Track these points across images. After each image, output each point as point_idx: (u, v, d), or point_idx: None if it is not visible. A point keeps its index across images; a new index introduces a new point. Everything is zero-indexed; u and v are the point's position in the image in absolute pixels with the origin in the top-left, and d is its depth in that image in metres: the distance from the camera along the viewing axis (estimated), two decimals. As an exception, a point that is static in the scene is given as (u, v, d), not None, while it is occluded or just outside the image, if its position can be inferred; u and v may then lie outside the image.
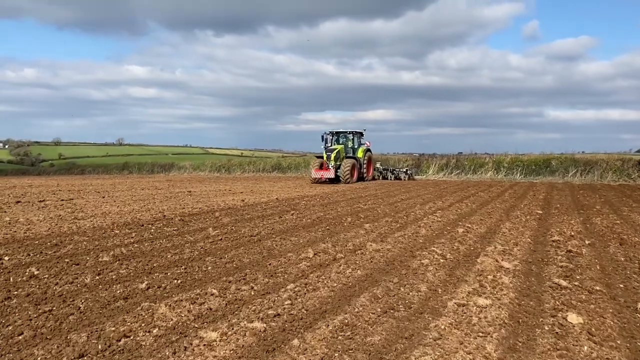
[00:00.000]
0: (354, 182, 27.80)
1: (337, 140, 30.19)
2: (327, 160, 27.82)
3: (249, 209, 14.43)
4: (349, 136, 30.23)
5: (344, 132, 30.20)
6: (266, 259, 7.57)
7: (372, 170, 31.19)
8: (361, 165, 29.38)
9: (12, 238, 8.98)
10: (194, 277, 6.51)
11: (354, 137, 30.19)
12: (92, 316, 4.92)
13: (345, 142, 30.01)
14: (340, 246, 8.62)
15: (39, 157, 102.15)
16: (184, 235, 9.71)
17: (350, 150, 29.72)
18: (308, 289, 5.88)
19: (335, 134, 30.32)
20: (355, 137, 30.22)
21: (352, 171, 27.77)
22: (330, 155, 27.78)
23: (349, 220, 11.88)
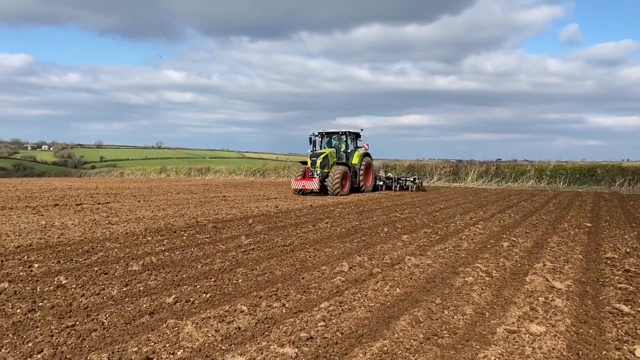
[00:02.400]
0: (346, 194, 22.77)
1: (329, 142, 25.16)
2: (312, 167, 22.89)
3: (283, 216, 14.15)
4: (342, 138, 25.04)
5: (336, 133, 25.13)
6: (299, 272, 7.22)
7: (371, 179, 26.00)
8: (356, 172, 24.31)
9: (45, 243, 8.92)
10: (223, 290, 6.21)
11: (348, 139, 24.99)
12: (115, 333, 4.66)
13: (338, 145, 24.87)
14: (376, 259, 8.20)
15: (81, 160, 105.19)
16: (216, 243, 9.47)
17: (344, 155, 24.53)
18: (343, 309, 5.48)
19: (326, 135, 25.28)
20: (350, 138, 25.10)
21: (343, 180, 22.70)
22: (315, 160, 22.77)
23: (385, 230, 11.44)
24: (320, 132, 25.00)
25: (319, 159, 22.73)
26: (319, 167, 22.72)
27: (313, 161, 22.94)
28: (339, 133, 24.90)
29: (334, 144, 24.91)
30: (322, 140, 25.15)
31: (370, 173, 25.85)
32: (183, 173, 54.91)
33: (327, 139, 25.24)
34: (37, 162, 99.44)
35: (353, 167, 24.17)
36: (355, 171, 24.27)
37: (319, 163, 22.71)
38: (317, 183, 22.04)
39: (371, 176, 25.95)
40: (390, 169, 39.28)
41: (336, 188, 22.13)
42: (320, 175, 22.54)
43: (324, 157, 22.86)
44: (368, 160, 25.50)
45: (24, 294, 5.81)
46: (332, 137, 25.12)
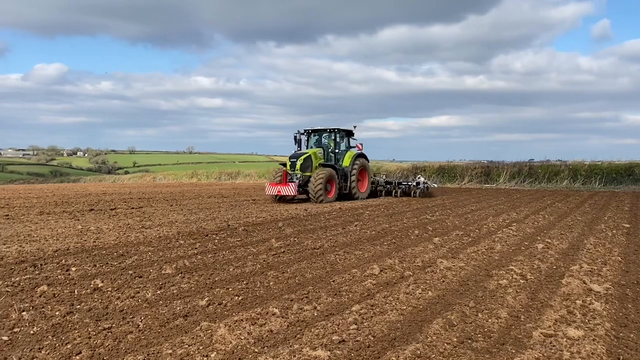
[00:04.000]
0: (331, 201, 19.86)
1: (319, 141, 22.07)
2: (290, 170, 20.21)
3: (312, 218, 14.16)
4: (331, 136, 21.83)
5: (324, 131, 21.96)
6: (329, 275, 7.21)
7: (367, 184, 22.61)
8: (346, 176, 21.00)
9: (81, 247, 9.14)
10: (255, 293, 6.25)
11: (338, 137, 21.74)
12: (150, 336, 4.74)
13: (327, 145, 21.85)
14: (408, 262, 8.13)
15: (115, 165, 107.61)
16: (247, 246, 9.54)
17: (332, 156, 21.44)
18: (375, 312, 5.45)
19: (313, 133, 22.22)
20: (339, 136, 21.84)
21: (328, 185, 19.91)
22: (295, 162, 19.94)
23: (416, 233, 11.33)
24: (307, 129, 22.16)
25: (299, 160, 19.93)
26: (299, 170, 19.92)
27: (292, 163, 20.18)
28: (327, 130, 21.85)
29: (323, 144, 21.95)
30: (309, 139, 22.26)
31: (365, 177, 22.55)
32: (213, 177, 55.55)
33: (315, 138, 22.24)
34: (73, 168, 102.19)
35: (342, 170, 21.01)
36: (346, 174, 21.02)
37: (299, 165, 19.88)
38: (293, 188, 19.20)
39: (367, 181, 22.60)
40: (420, 171, 38.95)
41: (318, 194, 19.32)
42: (301, 179, 19.92)
43: (305, 159, 19.98)
44: (362, 162, 21.90)
45: (62, 296, 5.96)
46: (322, 136, 22.08)
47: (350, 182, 21.09)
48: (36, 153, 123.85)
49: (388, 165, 49.94)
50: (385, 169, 42.88)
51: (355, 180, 21.25)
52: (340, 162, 21.37)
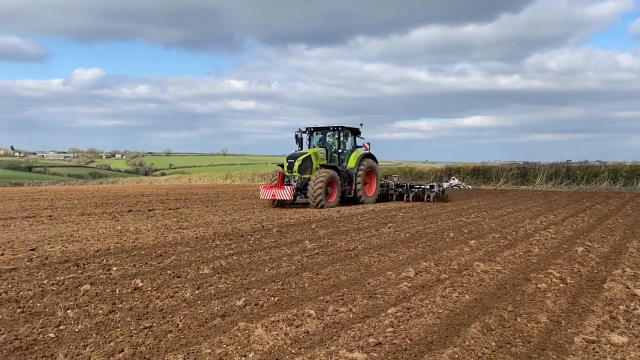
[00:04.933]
0: (332, 206, 18.15)
1: (322, 140, 20.44)
2: (288, 172, 18.59)
3: (345, 220, 14.17)
4: (335, 134, 20.12)
5: (326, 129, 20.31)
6: (364, 277, 7.21)
7: (375, 187, 20.78)
8: (351, 178, 19.35)
9: (121, 247, 9.38)
10: (290, 294, 6.30)
11: (342, 136, 19.98)
12: (189, 335, 4.84)
13: (330, 144, 20.21)
14: (443, 265, 8.05)
15: (152, 167, 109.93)
16: (281, 247, 9.62)
17: (335, 157, 19.76)
18: (411, 315, 5.43)
19: (315, 132, 20.54)
20: (344, 134, 20.06)
21: (329, 188, 18.21)
22: (293, 163, 18.38)
23: (451, 235, 11.20)
24: (309, 127, 20.46)
25: (297, 161, 18.30)
26: (297, 172, 18.30)
27: (290, 164, 18.54)
28: (330, 128, 20.18)
29: (327, 143, 20.33)
30: (312, 138, 20.61)
31: (373, 179, 20.75)
32: (247, 178, 56.14)
33: (318, 137, 20.60)
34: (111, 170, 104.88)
35: (346, 172, 19.38)
36: (351, 177, 19.38)
37: (297, 166, 18.25)
38: (289, 192, 17.55)
39: (375, 184, 20.78)
40: (454, 172, 38.48)
41: (318, 198, 17.62)
42: (299, 182, 18.36)
43: (304, 159, 18.35)
44: (369, 163, 20.15)
45: (104, 295, 6.14)
46: (327, 135, 20.41)
47: (356, 185, 19.38)
48: (76, 155, 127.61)
49: (421, 166, 49.52)
50: (418, 170, 42.55)
51: (362, 183, 19.55)
52: (345, 163, 19.75)
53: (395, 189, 21.95)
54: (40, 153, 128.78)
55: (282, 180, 18.36)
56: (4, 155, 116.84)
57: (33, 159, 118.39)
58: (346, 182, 19.27)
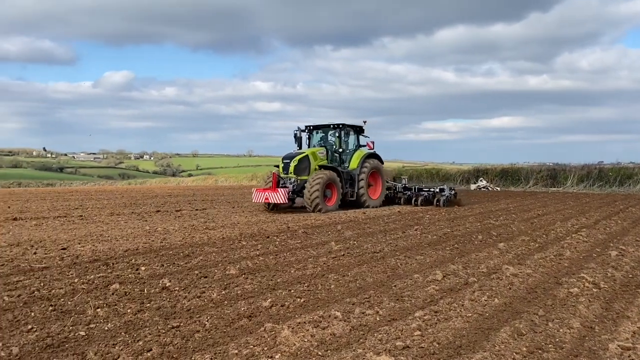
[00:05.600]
0: (332, 210, 16.84)
1: (323, 139, 19.11)
2: (283, 173, 17.38)
3: (371, 222, 14.08)
4: (336, 133, 18.76)
5: (326, 127, 18.89)
6: (391, 280, 7.14)
7: (380, 190, 19.33)
8: (353, 180, 18.04)
9: (149, 247, 9.50)
10: (317, 296, 6.28)
11: (343, 135, 18.64)
12: (216, 335, 4.85)
13: (332, 143, 18.84)
14: (471, 268, 7.92)
15: (179, 168, 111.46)
16: (307, 248, 9.62)
17: (336, 157, 18.41)
18: (439, 318, 5.34)
19: (315, 130, 19.17)
20: (345, 133, 18.70)
21: (328, 191, 16.84)
22: (289, 164, 17.13)
23: (479, 238, 11.02)
24: (308, 125, 19.05)
25: (293, 161, 17.01)
26: (293, 173, 17.06)
27: (285, 164, 17.28)
28: (331, 126, 18.73)
29: (328, 142, 19.00)
30: (312, 137, 19.23)
31: (379, 181, 19.33)
32: (272, 180, 56.38)
33: (319, 135, 19.23)
34: (140, 171, 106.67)
35: (348, 173, 18.07)
36: (353, 178, 18.07)
37: (293, 167, 16.98)
38: (283, 195, 16.14)
39: (380, 186, 19.37)
40: (482, 174, 37.95)
41: (315, 202, 16.23)
42: (295, 184, 17.04)
43: (300, 160, 17.06)
44: (374, 163, 18.81)
45: (133, 295, 6.22)
46: (328, 133, 19.07)
47: (358, 188, 18.05)
48: (106, 156, 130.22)
49: (448, 167, 49.03)
50: (446, 171, 42.11)
51: (365, 185, 18.20)
52: (347, 163, 18.46)
53: (404, 192, 20.43)
54: (72, 154, 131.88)
55: (277, 183, 16.90)
56: (36, 157, 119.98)
57: (64, 160, 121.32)
58: (348, 184, 17.93)
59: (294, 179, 17.07)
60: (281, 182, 17.08)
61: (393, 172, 30.25)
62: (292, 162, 17.02)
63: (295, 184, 17.03)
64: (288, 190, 16.61)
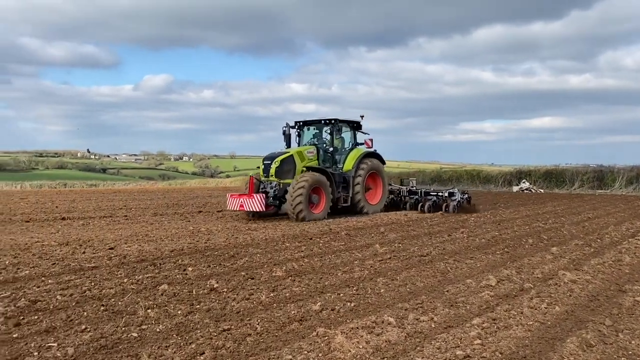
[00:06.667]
0: (319, 218, 14.53)
1: (316, 137, 16.78)
2: (264, 176, 15.17)
3: (414, 224, 13.81)
4: (327, 129, 16.49)
5: (317, 122, 16.61)
6: (442, 285, 6.90)
7: (381, 194, 17.25)
8: (347, 183, 15.80)
9: (194, 248, 9.52)
10: (367, 300, 6.11)
11: (336, 131, 16.31)
12: (268, 339, 4.75)
13: (325, 141, 16.54)
14: (526, 273, 7.60)
15: (217, 169, 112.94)
16: (351, 251, 9.45)
17: (329, 157, 16.11)
18: (498, 326, 5.09)
19: (307, 126, 16.90)
20: (337, 129, 16.34)
21: (316, 196, 14.63)
22: (270, 165, 14.97)
23: (530, 242, 10.62)
24: (298, 121, 16.84)
25: (274, 162, 14.83)
26: (275, 176, 14.83)
27: (266, 166, 15.12)
28: (322, 122, 16.38)
29: (322, 140, 16.66)
30: (302, 135, 16.95)
31: (379, 184, 17.25)
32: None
33: (310, 133, 16.93)
34: (179, 172, 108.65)
35: (341, 175, 15.80)
36: (347, 181, 15.83)
37: (275, 169, 14.78)
38: (259, 201, 13.90)
39: (381, 189, 17.25)
40: (525, 175, 36.93)
41: (298, 209, 13.92)
42: (277, 189, 14.68)
43: (283, 160, 14.87)
44: (372, 163, 16.63)
45: (182, 296, 6.19)
46: (323, 130, 16.70)
47: (354, 192, 15.90)
48: (146, 158, 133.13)
49: (488, 169, 47.94)
50: (486, 173, 41.21)
51: (361, 188, 15.99)
52: (341, 164, 16.28)
53: (410, 196, 18.25)
54: (114, 155, 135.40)
55: (257, 187, 14.80)
56: (81, 158, 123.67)
57: (107, 161, 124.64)
58: (342, 188, 15.72)
59: (276, 182, 14.80)
60: (261, 187, 14.92)
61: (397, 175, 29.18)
62: (273, 163, 14.87)
63: (277, 188, 14.70)
64: (266, 196, 14.38)
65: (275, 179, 14.81)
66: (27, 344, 4.51)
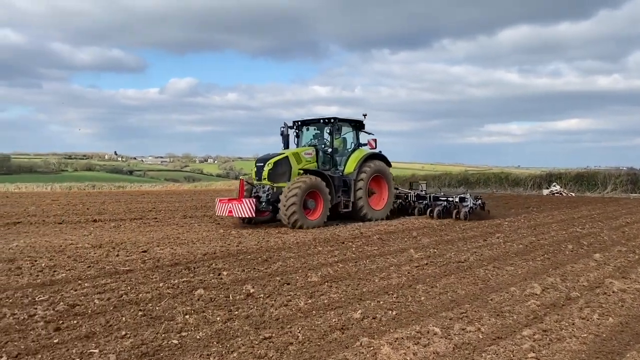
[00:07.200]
0: (315, 225, 13.30)
1: (316, 137, 15.68)
2: (256, 179, 14.10)
3: (446, 228, 13.52)
4: (327, 129, 15.32)
5: (316, 122, 15.42)
6: (484, 293, 6.67)
7: (386, 198, 15.83)
8: (348, 187, 14.63)
9: (226, 251, 9.45)
10: (408, 308, 5.92)
11: (335, 131, 14.95)
12: (311, 349, 4.60)
13: (325, 142, 15.36)
14: (571, 281, 7.31)
15: (241, 171, 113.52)
16: (385, 256, 9.26)
17: (328, 159, 14.96)
18: (551, 338, 4.86)
19: (305, 126, 15.86)
20: (336, 129, 14.94)
21: (312, 202, 13.50)
22: (262, 168, 13.90)
23: (569, 247, 10.27)
24: (296, 121, 15.78)
25: (267, 165, 13.74)
26: (267, 179, 13.74)
27: (258, 168, 14.03)
28: (321, 121, 15.11)
29: (323, 140, 15.49)
30: (301, 135, 15.91)
31: (384, 188, 15.86)
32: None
33: (310, 133, 15.87)
34: (204, 174, 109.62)
35: (341, 178, 14.66)
36: (348, 185, 14.67)
37: (267, 172, 13.71)
38: (249, 207, 12.76)
39: (386, 194, 15.87)
40: (555, 178, 36.13)
41: (292, 216, 12.83)
42: (270, 193, 13.65)
43: (277, 163, 13.77)
44: (376, 166, 15.38)
45: (219, 301, 6.09)
46: (324, 130, 15.50)
47: (356, 197, 14.71)
48: (172, 160, 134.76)
49: (516, 172, 47.11)
50: (515, 176, 40.46)
51: (364, 193, 14.80)
52: (342, 166, 15.15)
53: (419, 201, 16.97)
54: (140, 158, 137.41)
55: (244, 191, 13.71)
56: (108, 160, 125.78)
57: (134, 163, 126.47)
58: (343, 192, 14.60)
59: (269, 186, 13.76)
60: (253, 191, 13.98)
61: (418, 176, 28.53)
62: (266, 165, 13.76)
63: (270, 193, 13.69)
64: (259, 201, 13.42)
65: (268, 183, 13.76)
66: (69, 350, 4.46)
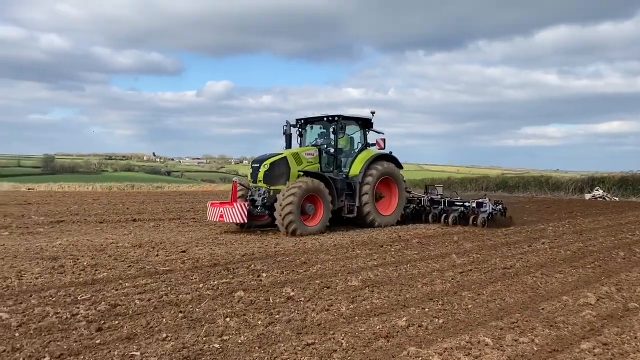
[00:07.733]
0: (314, 232, 12.17)
1: (323, 136, 14.45)
2: (252, 182, 13.14)
3: (488, 233, 13.10)
4: (331, 127, 14.07)
5: (320, 119, 14.18)
6: (535, 301, 6.36)
7: (397, 203, 14.62)
8: (353, 190, 13.48)
9: (264, 253, 9.36)
10: (455, 317, 5.67)
11: (339, 130, 13.80)
12: (355, 357, 4.40)
13: (330, 141, 14.03)
14: (626, 291, 6.91)
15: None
16: (426, 261, 9.00)
17: (332, 160, 13.72)
18: (613, 353, 4.55)
19: (308, 124, 14.72)
20: (340, 127, 13.84)
21: (311, 207, 12.31)
22: (258, 169, 12.87)
23: (621, 254, 9.79)
24: (300, 119, 14.65)
25: (263, 165, 12.71)
26: (263, 181, 12.70)
27: (254, 170, 13.04)
28: (325, 119, 13.92)
29: (328, 140, 14.17)
30: (305, 135, 14.78)
31: (394, 192, 14.68)
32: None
33: (314, 132, 14.74)
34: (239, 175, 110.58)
35: (345, 181, 13.54)
36: (353, 188, 13.54)
37: (264, 173, 12.67)
38: (240, 211, 11.78)
39: (396, 198, 14.65)
40: (598, 182, 34.88)
41: (288, 221, 11.70)
42: (266, 197, 12.54)
43: (274, 164, 12.69)
44: (385, 167, 14.21)
45: (259, 304, 5.98)
46: (329, 129, 14.22)
47: (362, 202, 13.57)
48: (208, 161, 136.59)
49: (557, 175, 45.76)
50: (555, 179, 39.28)
51: (370, 197, 13.61)
52: (347, 168, 14.01)
53: (434, 207, 15.43)
54: (177, 159, 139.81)
55: (238, 195, 12.80)
56: (147, 161, 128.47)
57: (171, 164, 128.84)
58: (347, 196, 13.48)
59: (265, 189, 12.69)
60: (248, 194, 12.93)
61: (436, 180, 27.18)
62: (262, 166, 12.73)
63: (266, 196, 12.59)
64: (253, 205, 12.47)
65: (264, 185, 12.70)
66: (111, 351, 4.41)
